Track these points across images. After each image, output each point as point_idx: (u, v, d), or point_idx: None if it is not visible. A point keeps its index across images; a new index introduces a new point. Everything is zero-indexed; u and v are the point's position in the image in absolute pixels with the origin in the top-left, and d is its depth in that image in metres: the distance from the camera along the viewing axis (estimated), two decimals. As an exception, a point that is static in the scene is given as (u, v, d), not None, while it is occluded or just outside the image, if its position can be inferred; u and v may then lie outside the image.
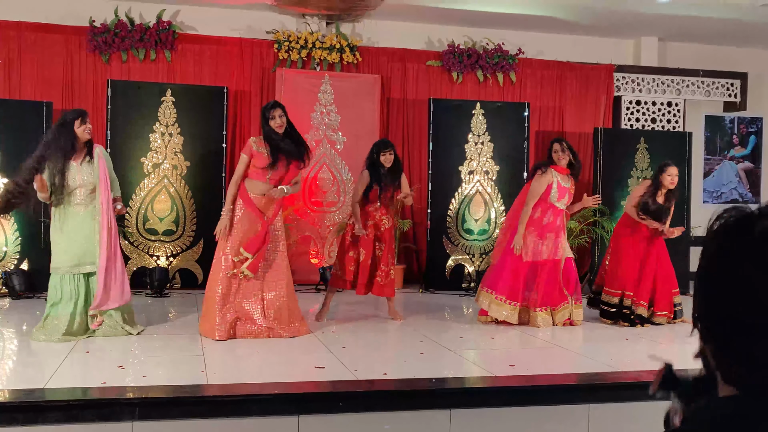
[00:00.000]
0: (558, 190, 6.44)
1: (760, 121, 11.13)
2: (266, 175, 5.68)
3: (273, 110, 5.74)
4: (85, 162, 5.54)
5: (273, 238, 5.75)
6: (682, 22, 9.52)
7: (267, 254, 5.72)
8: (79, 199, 5.49)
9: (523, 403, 4.17)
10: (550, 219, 6.44)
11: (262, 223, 5.65)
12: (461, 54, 9.61)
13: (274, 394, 3.96)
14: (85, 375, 4.54)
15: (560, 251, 6.43)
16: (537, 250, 6.39)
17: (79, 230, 5.49)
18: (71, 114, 5.61)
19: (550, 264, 6.38)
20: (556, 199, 6.44)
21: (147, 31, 8.73)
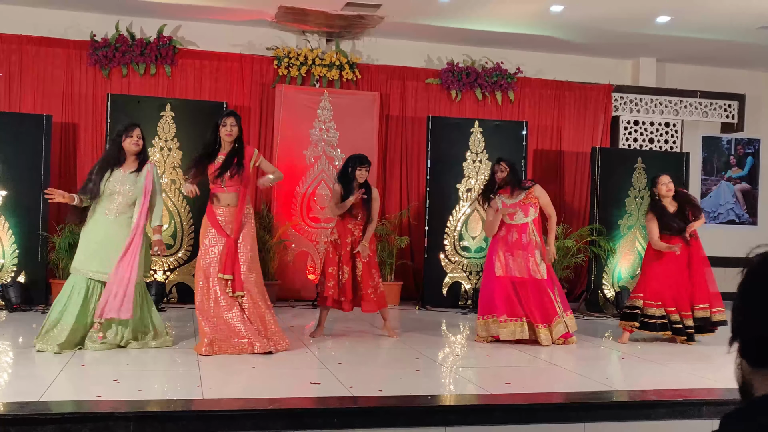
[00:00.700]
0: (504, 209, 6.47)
1: (758, 143, 11.19)
2: (221, 185, 5.71)
3: (225, 118, 5.78)
4: (132, 173, 5.65)
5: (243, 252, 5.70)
6: (680, 43, 9.59)
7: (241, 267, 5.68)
8: (115, 205, 5.57)
9: (519, 421, 4.15)
10: (514, 236, 6.44)
11: (226, 240, 5.64)
12: (460, 72, 9.67)
13: (269, 409, 3.95)
14: (80, 388, 4.52)
15: (536, 272, 6.38)
16: (509, 266, 6.38)
17: (105, 235, 5.54)
18: (120, 127, 5.84)
19: (532, 282, 6.36)
20: (508, 219, 6.47)
21: (147, 45, 8.78)
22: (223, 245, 5.64)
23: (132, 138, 5.66)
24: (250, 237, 5.78)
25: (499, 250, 6.46)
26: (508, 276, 6.37)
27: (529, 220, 6.49)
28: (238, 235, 5.70)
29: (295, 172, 9.01)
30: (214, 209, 5.74)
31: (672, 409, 4.39)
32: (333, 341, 6.30)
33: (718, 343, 6.86)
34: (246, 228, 5.76)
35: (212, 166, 5.74)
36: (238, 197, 5.73)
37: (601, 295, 9.03)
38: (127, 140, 5.66)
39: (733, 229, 11.09)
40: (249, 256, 5.72)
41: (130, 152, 5.69)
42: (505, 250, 6.43)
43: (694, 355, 6.26)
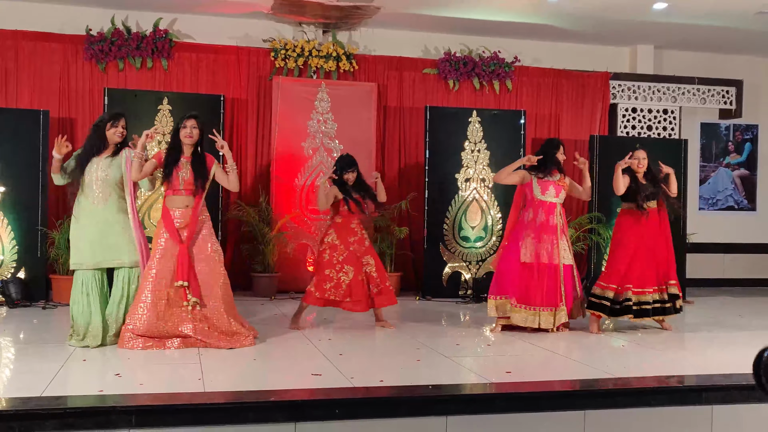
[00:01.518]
0: (539, 184, 6.48)
1: (756, 128, 11.18)
2: (178, 187, 5.62)
3: (186, 120, 5.71)
4: (107, 157, 5.62)
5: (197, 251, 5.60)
6: (677, 30, 9.57)
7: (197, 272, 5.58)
8: (98, 192, 5.55)
9: (520, 410, 4.17)
10: (542, 218, 6.43)
11: (179, 246, 5.52)
12: (457, 62, 9.65)
13: (270, 401, 3.96)
14: (81, 383, 4.53)
15: (563, 257, 6.41)
16: (535, 252, 6.38)
17: (100, 226, 5.53)
18: (105, 115, 5.79)
19: (550, 267, 6.37)
20: (540, 192, 6.47)
21: (144, 39, 8.76)
22: (177, 252, 5.51)
23: (117, 129, 5.64)
24: (209, 236, 5.67)
25: (525, 236, 6.43)
26: (536, 262, 6.37)
27: (558, 201, 6.51)
28: (192, 241, 5.59)
29: (294, 165, 9.01)
30: (170, 211, 5.62)
31: (672, 395, 4.41)
32: (334, 332, 6.32)
33: (715, 330, 6.88)
34: (204, 230, 5.66)
35: (176, 169, 5.64)
36: (194, 200, 5.64)
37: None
38: (111, 129, 5.63)
39: (732, 215, 11.09)
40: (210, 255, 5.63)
41: (112, 142, 5.66)
42: (533, 236, 6.41)
43: (694, 341, 6.27)
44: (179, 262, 5.49)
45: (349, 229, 6.46)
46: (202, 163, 5.69)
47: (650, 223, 6.58)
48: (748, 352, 5.84)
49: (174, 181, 5.62)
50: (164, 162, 5.70)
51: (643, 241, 6.55)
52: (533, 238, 6.39)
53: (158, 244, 5.59)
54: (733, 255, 10.97)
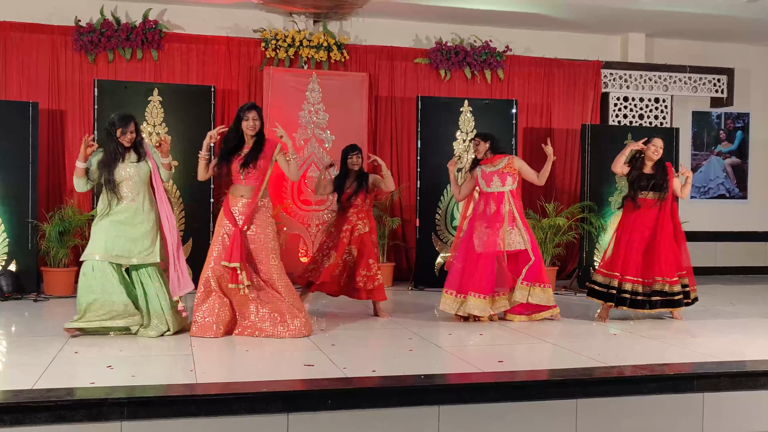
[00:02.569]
0: (483, 178, 6.55)
1: (747, 117, 11.20)
2: (239, 177, 5.74)
3: (247, 111, 5.75)
4: (132, 157, 5.64)
5: (256, 240, 5.72)
6: (669, 18, 9.57)
7: (254, 257, 5.71)
8: (127, 190, 5.58)
9: (512, 399, 4.18)
10: (492, 208, 6.48)
11: (234, 229, 5.66)
12: (449, 51, 9.63)
13: (263, 392, 3.96)
14: (73, 375, 4.52)
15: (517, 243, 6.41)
16: (490, 242, 6.40)
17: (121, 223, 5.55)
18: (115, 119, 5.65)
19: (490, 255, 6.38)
20: (485, 185, 6.53)
21: (133, 30, 8.71)
22: (231, 234, 5.66)
23: (126, 135, 5.60)
24: (264, 225, 5.77)
25: (478, 226, 6.49)
26: (486, 251, 6.39)
27: (506, 189, 6.51)
28: (247, 225, 5.70)
29: (285, 155, 8.97)
30: (231, 201, 5.77)
31: (664, 383, 4.43)
32: (326, 323, 6.32)
33: (707, 318, 6.91)
34: (260, 217, 5.76)
35: (237, 159, 5.75)
36: (254, 190, 5.74)
37: (592, 272, 9.04)
38: (121, 137, 5.59)
39: (724, 203, 11.12)
40: (270, 246, 5.77)
41: (126, 145, 5.65)
42: (485, 226, 6.44)
43: (685, 329, 6.30)
44: (231, 245, 5.61)
45: (345, 219, 6.60)
46: (261, 151, 5.76)
47: (648, 214, 6.56)
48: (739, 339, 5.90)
49: (235, 172, 5.73)
50: (222, 152, 5.77)
51: (638, 231, 6.56)
52: (486, 227, 6.46)
53: (219, 235, 5.72)
54: (725, 243, 11.01)
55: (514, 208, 6.51)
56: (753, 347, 5.49)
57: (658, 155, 6.63)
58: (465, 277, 6.45)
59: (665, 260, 6.54)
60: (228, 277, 5.62)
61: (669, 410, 4.36)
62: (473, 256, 6.44)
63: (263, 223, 5.78)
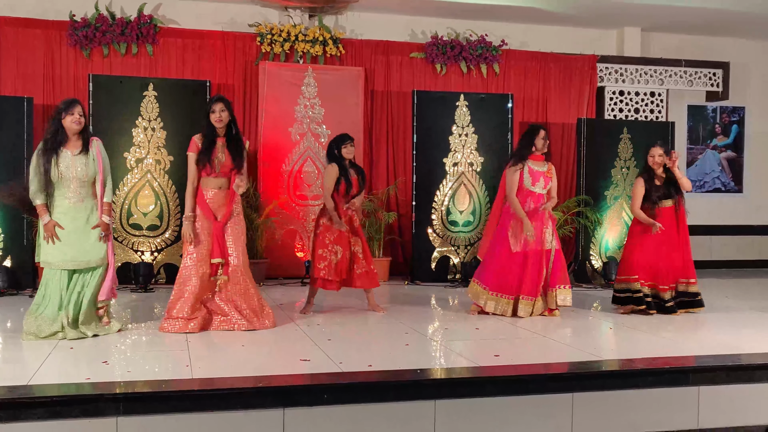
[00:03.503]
0: (531, 175, 6.48)
1: (742, 110, 11.21)
2: (215, 169, 5.68)
3: (214, 104, 5.71)
4: (80, 154, 5.41)
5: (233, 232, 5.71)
6: (664, 12, 9.57)
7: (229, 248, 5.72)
8: (72, 190, 5.38)
9: (508, 393, 4.19)
10: (530, 206, 6.46)
11: (214, 224, 5.66)
12: (445, 46, 9.61)
13: (259, 387, 3.96)
14: (69, 371, 4.51)
15: (546, 242, 6.43)
16: (526, 240, 6.41)
17: (73, 223, 5.38)
18: (59, 105, 5.48)
19: (537, 254, 6.39)
20: (530, 184, 6.48)
21: (128, 25, 8.68)
22: (211, 230, 5.66)
23: (73, 116, 5.37)
24: (239, 216, 5.79)
25: (513, 225, 6.45)
26: (523, 251, 6.39)
27: (545, 192, 6.53)
28: (227, 220, 5.70)
29: (281, 150, 8.97)
30: (204, 191, 5.72)
31: (660, 377, 4.43)
32: (323, 318, 6.32)
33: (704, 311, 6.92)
34: (236, 209, 5.76)
35: (213, 154, 5.71)
36: (230, 182, 5.72)
37: (589, 266, 9.07)
38: (67, 118, 5.37)
39: (719, 197, 11.14)
40: (242, 239, 5.78)
41: (71, 131, 5.41)
42: (522, 224, 6.41)
43: (681, 323, 6.31)
44: (215, 241, 5.63)
45: (342, 212, 6.48)
46: (238, 145, 5.75)
47: (664, 223, 6.57)
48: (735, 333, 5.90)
49: (210, 165, 5.67)
50: (201, 149, 5.70)
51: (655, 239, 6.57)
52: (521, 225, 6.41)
53: (203, 228, 5.69)
54: (720, 237, 11.03)
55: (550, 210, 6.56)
56: (748, 341, 5.50)
57: (660, 164, 6.63)
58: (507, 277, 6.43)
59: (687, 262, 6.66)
60: (208, 271, 5.65)
61: (665, 404, 4.36)
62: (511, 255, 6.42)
63: (238, 214, 5.78)
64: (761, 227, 11.22)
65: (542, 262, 6.39)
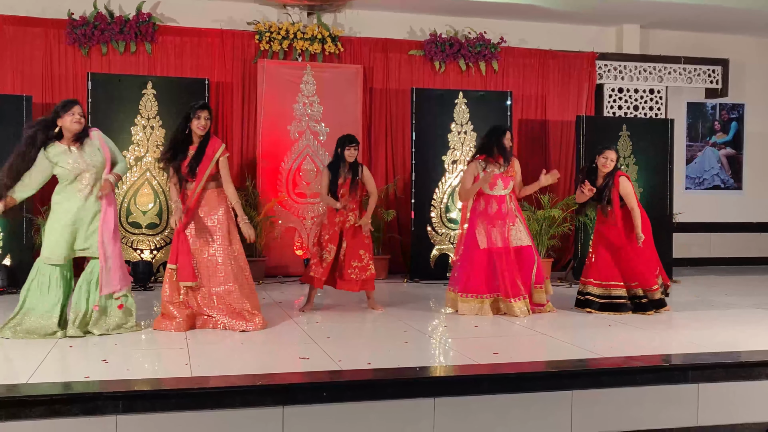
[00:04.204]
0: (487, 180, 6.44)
1: (742, 107, 11.21)
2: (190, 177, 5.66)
3: (200, 111, 5.65)
4: (84, 147, 5.36)
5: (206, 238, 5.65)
6: (663, 9, 9.56)
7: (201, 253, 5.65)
8: (86, 183, 5.36)
9: (507, 391, 4.19)
10: (494, 208, 6.46)
11: (175, 230, 5.67)
12: (443, 43, 9.61)
13: (258, 385, 3.96)
14: (68, 369, 4.52)
15: (518, 239, 6.43)
16: (491, 238, 6.42)
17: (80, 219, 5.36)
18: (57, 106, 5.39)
19: (505, 252, 6.39)
20: (488, 188, 6.47)
21: (127, 23, 8.67)
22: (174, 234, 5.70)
23: (74, 116, 5.29)
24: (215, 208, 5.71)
25: (479, 223, 6.48)
26: (490, 248, 6.39)
27: (507, 192, 6.52)
28: (186, 226, 5.65)
29: (280, 148, 8.97)
30: (185, 196, 5.71)
31: (659, 374, 4.44)
32: (322, 316, 6.32)
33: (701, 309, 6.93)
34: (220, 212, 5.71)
35: (184, 162, 5.66)
36: (193, 185, 5.66)
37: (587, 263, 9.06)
38: (67, 118, 5.28)
39: (718, 194, 11.14)
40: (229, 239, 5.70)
41: (71, 131, 5.33)
42: (486, 223, 6.44)
43: (681, 320, 6.31)
44: (172, 246, 5.68)
45: (339, 211, 6.51)
46: (202, 149, 5.67)
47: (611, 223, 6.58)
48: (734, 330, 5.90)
49: (182, 169, 5.66)
50: (173, 152, 5.67)
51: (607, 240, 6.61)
52: (487, 224, 6.45)
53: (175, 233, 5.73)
54: (720, 234, 11.04)
55: (514, 206, 6.54)
56: (747, 338, 5.51)
57: (608, 168, 6.59)
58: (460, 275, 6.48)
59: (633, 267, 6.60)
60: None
61: (664, 401, 4.37)
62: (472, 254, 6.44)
63: (214, 207, 5.69)
64: (760, 224, 11.22)
65: (512, 260, 6.38)
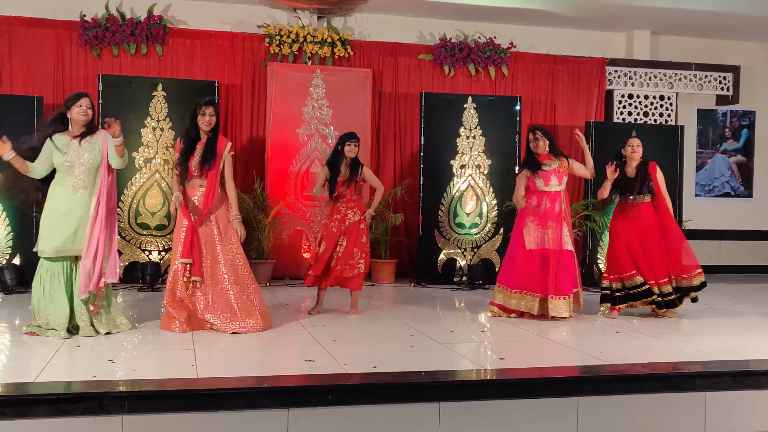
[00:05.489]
0: (541, 177, 6.49)
1: (753, 114, 11.16)
2: (193, 171, 5.71)
3: (205, 107, 5.70)
4: (87, 143, 5.40)
5: (209, 236, 5.68)
6: (674, 15, 9.54)
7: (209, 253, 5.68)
8: (77, 178, 5.35)
9: (513, 396, 4.18)
10: (547, 205, 6.46)
11: (188, 223, 5.65)
12: (453, 48, 9.61)
13: (263, 387, 3.96)
14: (75, 369, 4.53)
15: (566, 243, 6.44)
16: (541, 239, 6.41)
17: (74, 214, 5.33)
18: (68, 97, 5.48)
19: (560, 254, 6.39)
20: (543, 185, 6.48)
21: (138, 25, 8.71)
22: (185, 228, 5.66)
23: (81, 107, 5.36)
24: (225, 214, 5.75)
25: (528, 222, 6.46)
26: (540, 249, 6.40)
27: (562, 188, 6.53)
28: (202, 221, 5.68)
29: (289, 151, 8.98)
30: (188, 193, 5.74)
31: (666, 382, 4.42)
32: (327, 318, 6.32)
33: (710, 316, 6.89)
34: (222, 207, 5.74)
35: (192, 158, 5.73)
36: (207, 182, 5.70)
37: (596, 270, 9.04)
38: (74, 109, 5.35)
39: (729, 201, 11.09)
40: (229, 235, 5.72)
41: (78, 123, 5.39)
42: (537, 222, 6.43)
43: (688, 328, 6.28)
44: (185, 240, 5.63)
45: (336, 209, 6.54)
46: (212, 148, 5.73)
47: (642, 216, 6.56)
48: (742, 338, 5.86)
49: (190, 167, 5.71)
50: (181, 149, 5.73)
51: (634, 232, 6.56)
52: (537, 224, 6.42)
53: (179, 230, 5.71)
54: (729, 242, 10.98)
55: (564, 208, 6.54)
56: (756, 346, 5.47)
57: (638, 154, 6.62)
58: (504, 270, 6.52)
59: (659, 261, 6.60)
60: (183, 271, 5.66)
61: (671, 409, 4.34)
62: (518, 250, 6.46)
63: (217, 206, 5.73)
64: (770, 232, 11.17)
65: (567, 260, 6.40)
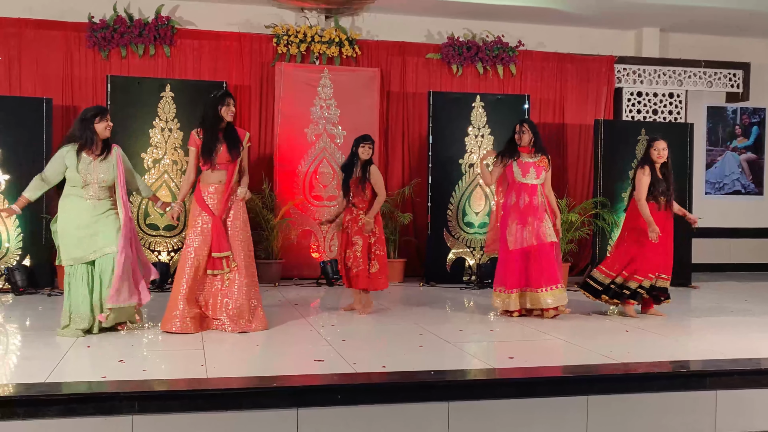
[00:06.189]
0: (520, 167, 6.48)
1: (763, 112, 11.10)
2: (213, 163, 5.66)
3: (227, 98, 5.71)
4: (101, 161, 5.51)
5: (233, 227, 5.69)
6: (683, 12, 9.50)
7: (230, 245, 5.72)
8: (91, 192, 5.47)
9: (522, 395, 4.17)
10: (525, 200, 6.44)
11: (212, 218, 5.63)
12: (461, 46, 9.60)
13: (273, 387, 3.97)
14: (85, 369, 4.54)
15: (548, 235, 6.41)
16: (521, 237, 6.40)
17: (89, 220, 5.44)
18: (91, 110, 5.57)
19: (542, 247, 6.38)
20: (521, 176, 6.47)
21: (146, 26, 8.74)
22: (211, 224, 5.63)
23: (108, 123, 5.52)
24: (240, 212, 5.75)
25: (510, 222, 6.47)
26: (521, 248, 6.40)
27: (539, 182, 6.52)
28: (224, 214, 5.68)
29: (297, 151, 8.99)
30: (203, 189, 5.72)
31: (676, 381, 4.40)
32: (337, 318, 6.32)
33: (720, 315, 6.86)
34: (237, 205, 5.74)
35: (218, 146, 5.70)
36: (227, 174, 5.70)
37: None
38: (102, 124, 5.48)
39: (739, 199, 11.04)
40: (243, 234, 5.73)
41: (102, 137, 5.52)
42: (518, 221, 6.43)
43: (699, 326, 6.26)
44: (215, 234, 5.60)
45: (349, 209, 6.59)
46: (234, 135, 5.73)
47: (660, 218, 6.56)
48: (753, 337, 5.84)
49: (212, 158, 5.66)
50: (204, 140, 5.67)
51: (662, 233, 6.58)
52: (518, 223, 6.42)
53: (195, 225, 5.67)
54: (740, 240, 10.93)
55: (544, 201, 6.54)
56: (767, 345, 5.45)
57: (663, 158, 6.57)
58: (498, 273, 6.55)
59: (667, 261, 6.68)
60: (204, 266, 5.63)
61: (681, 408, 4.33)
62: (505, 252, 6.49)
63: (239, 210, 5.74)
64: (781, 230, 11.12)
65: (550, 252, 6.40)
